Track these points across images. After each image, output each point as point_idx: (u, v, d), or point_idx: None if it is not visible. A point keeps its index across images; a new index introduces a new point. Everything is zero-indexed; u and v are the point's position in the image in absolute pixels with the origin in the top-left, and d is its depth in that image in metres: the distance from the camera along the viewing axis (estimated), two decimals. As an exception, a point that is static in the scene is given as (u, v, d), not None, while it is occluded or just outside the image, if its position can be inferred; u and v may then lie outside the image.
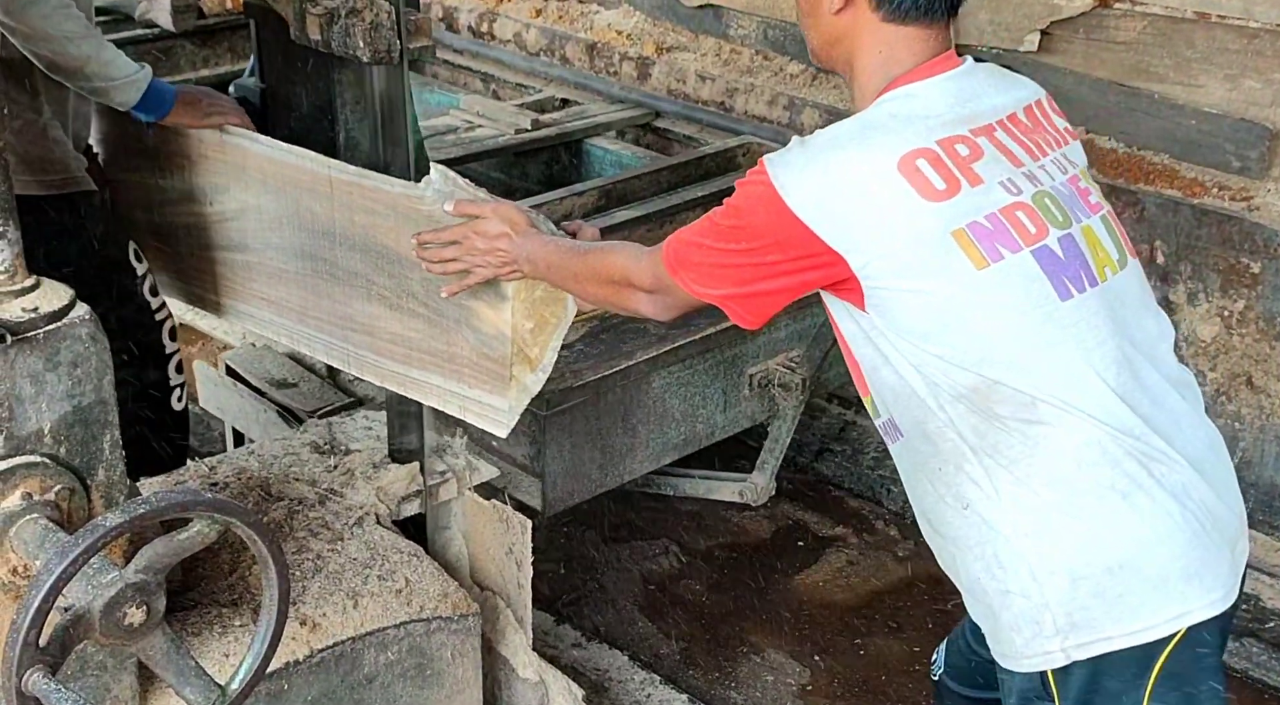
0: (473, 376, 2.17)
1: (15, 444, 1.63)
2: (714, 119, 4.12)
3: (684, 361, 3.03)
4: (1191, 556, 1.66)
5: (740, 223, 1.70)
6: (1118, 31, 3.49)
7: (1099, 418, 1.64)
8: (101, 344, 1.68)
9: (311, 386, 3.06)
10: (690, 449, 3.15)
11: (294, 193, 2.33)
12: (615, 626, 3.24)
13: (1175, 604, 1.65)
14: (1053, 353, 1.64)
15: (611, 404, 2.91)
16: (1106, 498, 1.64)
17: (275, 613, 1.61)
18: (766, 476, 3.22)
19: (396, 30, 2.07)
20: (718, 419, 3.16)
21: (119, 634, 1.52)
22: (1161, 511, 1.65)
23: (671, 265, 1.77)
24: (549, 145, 3.98)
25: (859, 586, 3.40)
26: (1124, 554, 1.64)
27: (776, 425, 3.26)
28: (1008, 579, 1.68)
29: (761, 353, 3.18)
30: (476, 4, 5.01)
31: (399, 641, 2.18)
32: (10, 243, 1.65)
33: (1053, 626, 1.67)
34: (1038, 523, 1.66)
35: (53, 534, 1.59)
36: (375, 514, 2.36)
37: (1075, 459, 1.64)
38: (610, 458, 2.96)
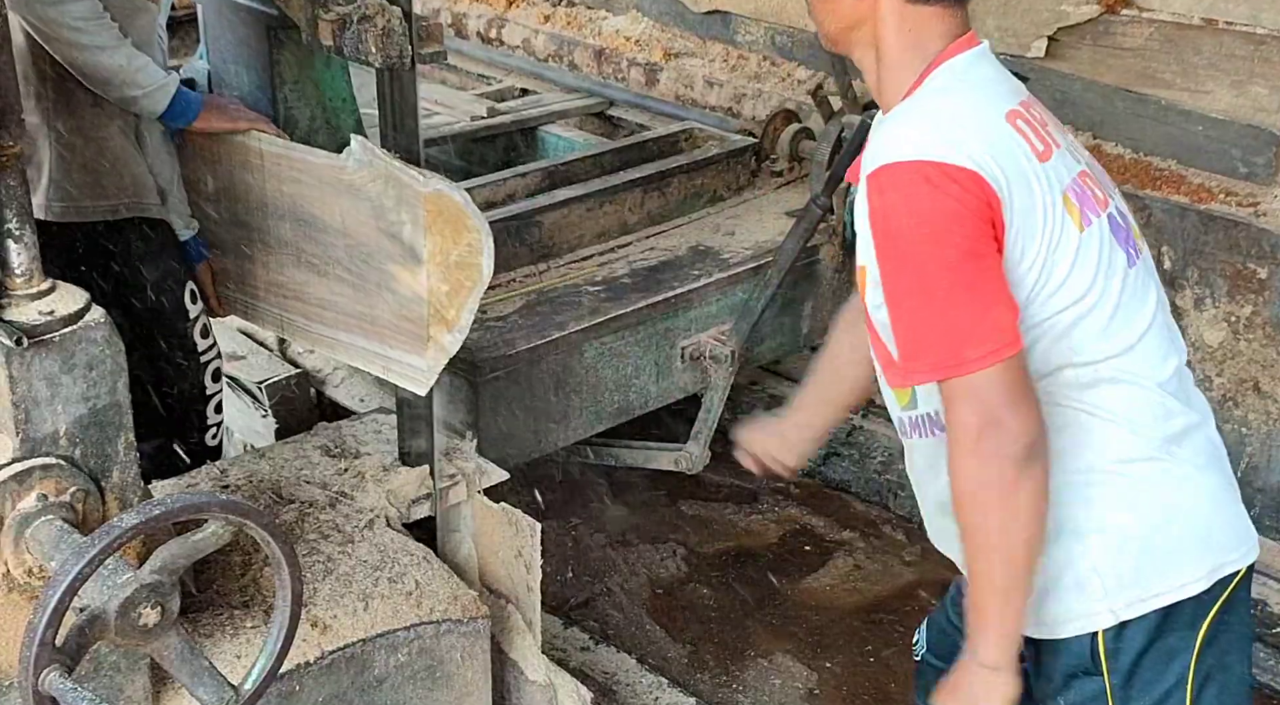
0: (393, 337, 2.28)
1: (31, 446, 1.65)
2: (664, 108, 4.23)
3: (616, 333, 3.13)
4: (1229, 510, 1.73)
5: (901, 240, 1.55)
6: (1124, 38, 3.50)
7: (1155, 382, 1.67)
8: (117, 347, 1.69)
9: (260, 359, 3.18)
10: (624, 417, 3.25)
11: (228, 166, 2.42)
12: (623, 630, 3.25)
13: (1215, 555, 1.69)
14: (1123, 317, 1.65)
15: (545, 372, 3.01)
16: (1157, 458, 1.67)
17: (288, 614, 1.62)
18: (700, 445, 3.27)
19: (408, 36, 2.09)
20: (651, 389, 3.26)
21: (134, 634, 1.54)
22: (1203, 467, 1.71)
23: (936, 368, 1.56)
24: (505, 132, 4.08)
25: (866, 591, 3.40)
26: (1172, 511, 1.68)
27: (709, 396, 3.33)
28: (1051, 548, 1.65)
29: (693, 326, 3.28)
30: (485, 10, 5.03)
31: (409, 644, 2.19)
32: (26, 246, 1.66)
33: (1100, 588, 1.67)
34: (1086, 490, 1.66)
35: (68, 535, 1.60)
36: (385, 517, 2.37)
37: (1130, 423, 1.66)
38: (544, 424, 3.07)
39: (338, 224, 2.20)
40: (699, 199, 3.73)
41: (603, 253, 3.44)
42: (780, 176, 3.88)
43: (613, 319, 3.11)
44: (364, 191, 2.15)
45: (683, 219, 3.65)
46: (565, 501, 3.64)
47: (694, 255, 3.44)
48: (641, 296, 3.18)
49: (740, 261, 3.39)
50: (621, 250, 3.47)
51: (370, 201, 2.19)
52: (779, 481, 3.84)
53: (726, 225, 3.63)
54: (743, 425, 2.23)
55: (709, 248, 3.49)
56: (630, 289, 3.23)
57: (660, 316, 3.20)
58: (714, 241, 3.53)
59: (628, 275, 3.32)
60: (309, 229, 2.31)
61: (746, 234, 3.56)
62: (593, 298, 3.17)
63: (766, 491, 3.82)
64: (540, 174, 3.60)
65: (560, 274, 3.32)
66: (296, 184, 2.31)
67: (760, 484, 3.85)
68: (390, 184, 2.14)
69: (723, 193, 3.78)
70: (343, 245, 2.26)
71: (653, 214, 3.61)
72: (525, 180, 3.56)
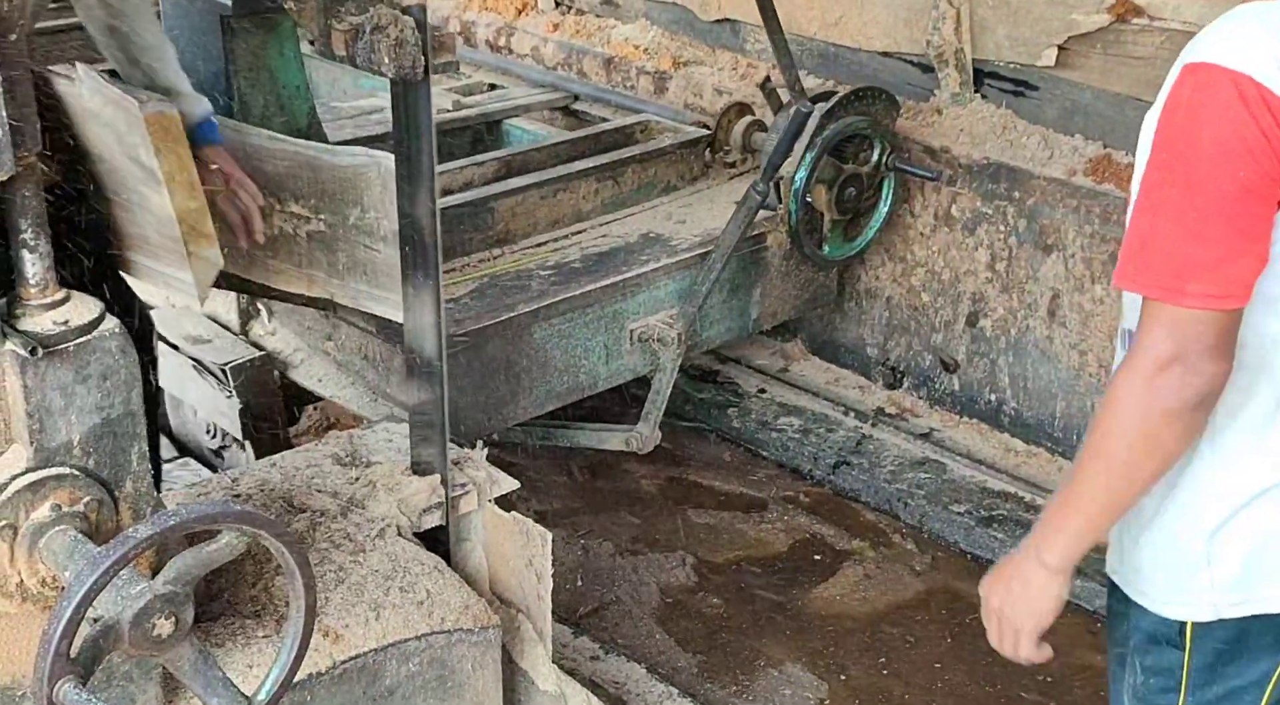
0: (165, 255, 2.35)
1: (45, 456, 1.65)
2: (625, 101, 4.32)
3: (564, 315, 3.24)
4: None
5: (1186, 144, 1.44)
6: (1135, 46, 3.50)
7: None
8: (131, 357, 1.70)
9: (224, 342, 3.29)
10: (574, 397, 3.37)
11: (84, 125, 2.45)
12: (633, 639, 3.24)
13: None
14: None
15: (494, 353, 3.10)
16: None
17: (302, 625, 1.62)
18: (650, 426, 3.37)
19: (421, 46, 2.09)
20: (600, 370, 3.39)
21: (148, 645, 1.54)
22: None
23: (1153, 284, 1.47)
24: (471, 125, 4.15)
25: (876, 600, 3.40)
26: None
27: (658, 377, 3.44)
28: (1179, 519, 1.61)
29: (642, 310, 3.41)
30: (494, 18, 5.04)
31: (420, 653, 2.19)
32: (41, 256, 1.67)
33: (1209, 581, 1.62)
34: (1228, 468, 1.60)
35: (82, 545, 1.60)
36: (397, 526, 2.37)
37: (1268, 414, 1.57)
38: (494, 403, 3.15)
39: (98, 152, 2.28)
40: (653, 188, 3.83)
41: (556, 239, 3.54)
42: (733, 167, 3.98)
43: (561, 302, 3.22)
44: (103, 118, 2.20)
45: (636, 207, 3.75)
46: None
47: (644, 242, 3.55)
48: (590, 280, 3.29)
49: (689, 248, 3.51)
50: (575, 237, 3.57)
51: (110, 128, 2.23)
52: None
53: (678, 214, 3.74)
54: None
55: (659, 235, 3.60)
56: (581, 273, 3.35)
57: (609, 300, 3.33)
58: (665, 229, 3.64)
59: (579, 260, 3.42)
60: (93, 164, 2.37)
61: (696, 222, 3.68)
62: (543, 281, 3.28)
63: (776, 500, 3.82)
64: (497, 163, 3.69)
65: (514, 259, 3.42)
66: (83, 124, 2.34)
67: (769, 493, 3.85)
68: (119, 109, 2.18)
69: (676, 183, 3.89)
70: (107, 172, 2.33)
71: (607, 202, 3.72)
72: (482, 168, 3.64)
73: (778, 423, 4.05)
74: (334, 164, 2.38)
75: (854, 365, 4.25)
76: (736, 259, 3.53)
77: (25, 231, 1.64)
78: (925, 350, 4.03)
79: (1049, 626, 1.70)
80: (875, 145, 3.71)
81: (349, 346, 3.22)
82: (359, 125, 3.88)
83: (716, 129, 3.94)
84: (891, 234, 4.00)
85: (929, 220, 3.92)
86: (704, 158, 3.96)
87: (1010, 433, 3.83)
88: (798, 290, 3.89)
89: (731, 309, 3.68)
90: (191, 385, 3.23)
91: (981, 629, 1.85)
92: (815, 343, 4.35)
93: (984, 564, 3.47)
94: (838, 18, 4.16)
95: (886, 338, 4.13)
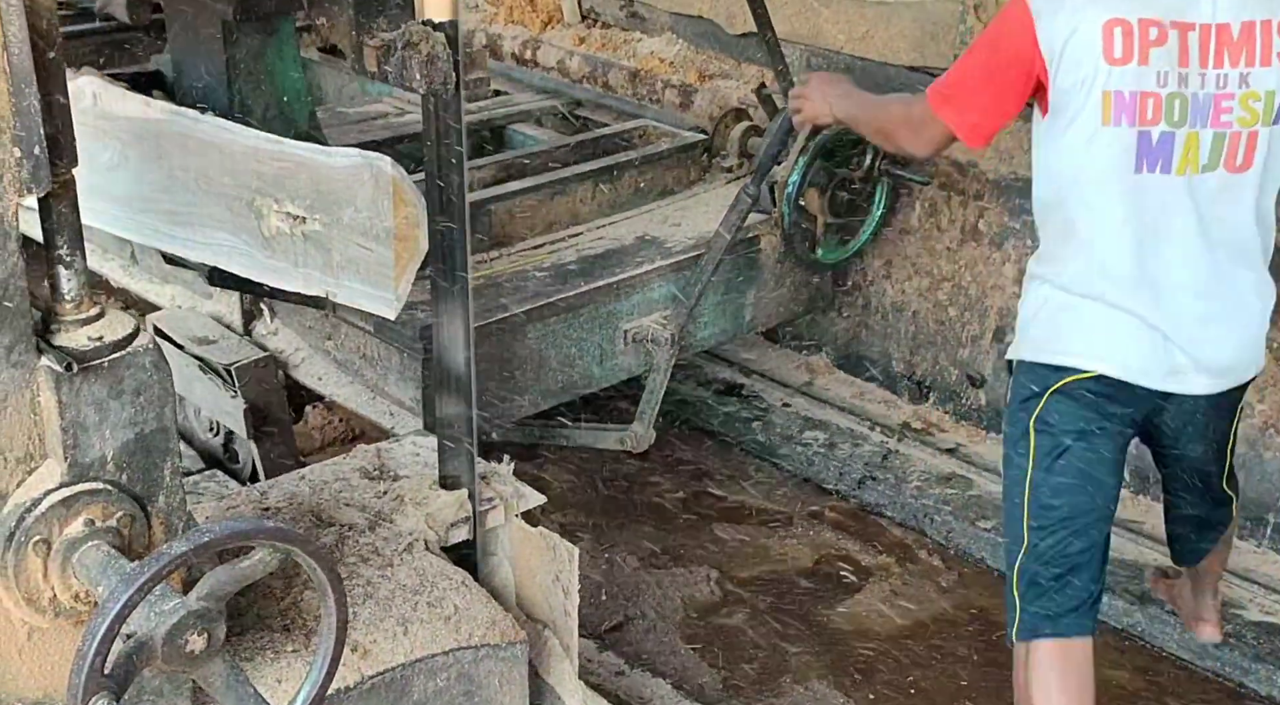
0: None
1: (79, 471, 1.65)
2: (626, 107, 4.35)
3: (559, 315, 3.29)
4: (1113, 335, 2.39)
5: (985, 34, 2.42)
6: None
7: (1101, 259, 2.37)
8: (164, 372, 1.70)
9: (230, 343, 3.33)
10: (568, 396, 3.43)
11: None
12: (657, 654, 3.24)
13: (1082, 354, 2.40)
14: (1109, 200, 2.33)
15: (490, 352, 3.12)
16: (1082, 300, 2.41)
17: (333, 641, 1.62)
18: (645, 425, 3.43)
19: (452, 62, 2.09)
20: (594, 370, 3.45)
21: (180, 661, 1.54)
22: (1109, 310, 2.37)
23: (933, 99, 2.45)
24: (473, 130, 4.17)
25: (902, 616, 3.38)
26: (1080, 318, 2.41)
27: (652, 377, 3.48)
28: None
29: (636, 311, 3.46)
30: (520, 32, 5.05)
31: (447, 669, 2.19)
32: (77, 272, 1.67)
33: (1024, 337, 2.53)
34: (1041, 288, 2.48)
35: (115, 560, 1.61)
36: (424, 540, 2.37)
37: (1080, 273, 2.39)
38: (489, 401, 3.17)
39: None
40: (649, 192, 3.88)
41: (553, 242, 3.58)
42: (730, 172, 4.00)
43: (556, 302, 3.28)
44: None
45: (633, 211, 3.79)
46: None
47: (640, 244, 3.59)
48: (585, 281, 3.35)
49: (683, 250, 3.55)
50: (572, 239, 3.61)
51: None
52: (813, 505, 3.83)
53: (675, 217, 3.78)
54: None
55: (655, 237, 3.64)
56: (576, 275, 3.39)
57: (603, 301, 3.38)
58: (660, 232, 3.67)
59: (575, 262, 3.46)
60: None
61: (692, 225, 3.71)
62: (538, 282, 3.33)
63: (801, 515, 3.81)
64: (496, 166, 3.73)
65: (510, 261, 3.45)
66: None
67: (794, 507, 3.84)
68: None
69: (673, 186, 3.93)
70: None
71: (604, 206, 3.76)
72: (481, 172, 3.67)
73: (803, 437, 4.03)
74: (329, 165, 2.40)
75: (880, 379, 4.24)
76: (730, 261, 3.57)
77: (62, 247, 1.65)
78: (951, 365, 4.01)
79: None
80: (867, 150, 3.72)
81: (348, 346, 3.28)
82: (363, 130, 3.94)
83: (714, 134, 3.99)
84: (918, 247, 3.99)
85: (956, 235, 3.91)
86: (701, 162, 4.01)
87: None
88: (792, 293, 3.91)
89: (725, 311, 3.72)
90: (197, 385, 3.27)
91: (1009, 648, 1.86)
92: (840, 356, 4.34)
93: (1011, 581, 3.46)
94: (865, 31, 4.15)
95: (912, 352, 4.12)
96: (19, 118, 1.51)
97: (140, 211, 2.73)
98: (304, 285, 2.57)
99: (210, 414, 3.36)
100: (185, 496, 1.77)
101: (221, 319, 3.45)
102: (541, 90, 4.54)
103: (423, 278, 2.38)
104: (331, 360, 3.33)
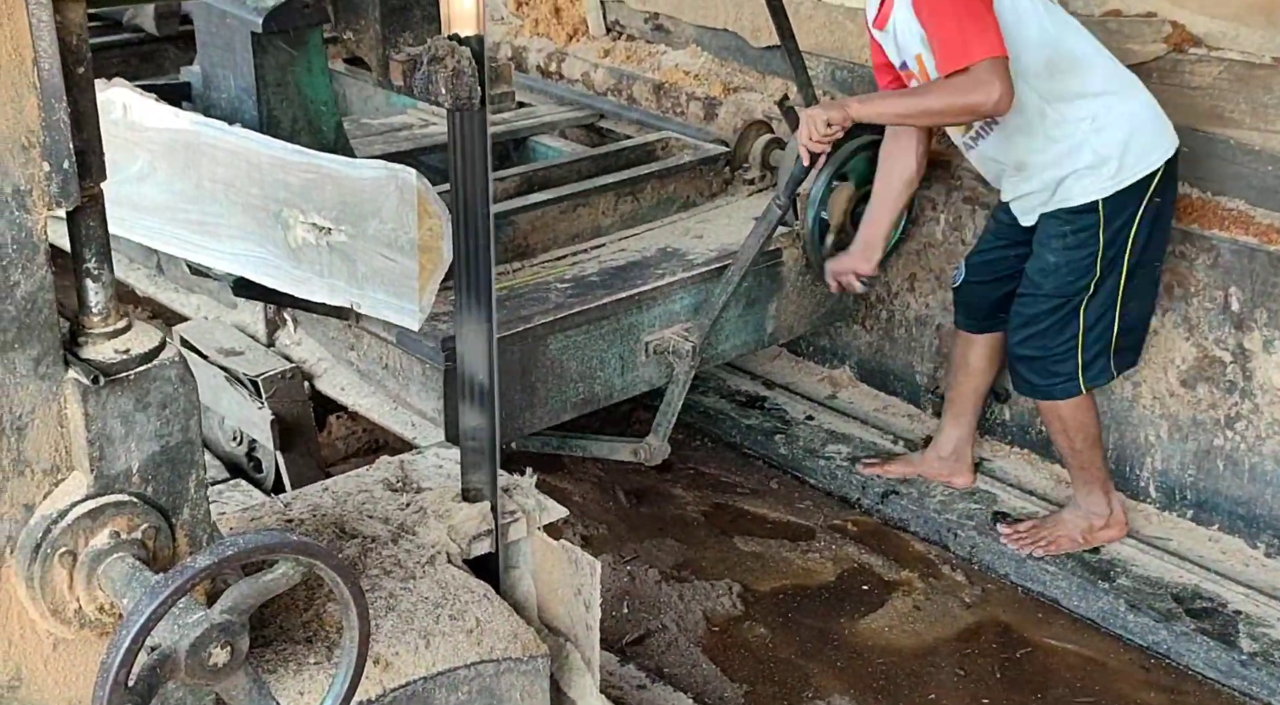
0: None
1: (105, 483, 1.66)
2: (649, 119, 4.35)
3: (580, 327, 3.31)
4: None
5: None
6: (1193, 77, 3.46)
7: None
8: (190, 385, 1.71)
9: (256, 354, 3.35)
10: (589, 408, 3.44)
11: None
12: (679, 668, 3.23)
13: None
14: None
15: (511, 363, 3.14)
16: None
17: (355, 655, 1.62)
18: (660, 437, 3.46)
19: (478, 77, 2.10)
20: (616, 382, 3.46)
21: (203, 674, 1.54)
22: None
23: (968, 54, 2.96)
24: (496, 141, 4.19)
25: (925, 632, 3.36)
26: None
27: (670, 390, 3.49)
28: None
29: (658, 322, 3.48)
30: (545, 44, 5.06)
31: (469, 682, 2.18)
32: (104, 285, 1.68)
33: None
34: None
35: (140, 573, 1.61)
36: (447, 553, 2.37)
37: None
38: (510, 412, 3.19)
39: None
40: (672, 204, 3.89)
41: (575, 253, 3.59)
42: (752, 184, 4.01)
43: (577, 314, 3.29)
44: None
45: (655, 223, 3.80)
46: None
47: (661, 256, 3.60)
48: (606, 293, 3.36)
49: (705, 262, 3.56)
50: (594, 251, 3.62)
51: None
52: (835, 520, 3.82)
53: (696, 229, 3.79)
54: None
55: (676, 249, 3.64)
56: (597, 286, 3.40)
57: (624, 312, 3.40)
58: (682, 244, 3.68)
59: (596, 274, 3.47)
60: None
61: (714, 237, 3.72)
62: (560, 294, 3.35)
63: (823, 529, 3.79)
64: (519, 178, 3.74)
65: (532, 272, 3.47)
66: None
67: (816, 521, 3.83)
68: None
69: (695, 199, 3.94)
70: None
71: (626, 218, 3.76)
72: (504, 184, 3.68)
73: (825, 450, 4.02)
74: (355, 177, 2.41)
75: (903, 393, 4.22)
76: (753, 273, 3.58)
77: (89, 261, 1.66)
78: (975, 379, 3.99)
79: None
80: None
81: (370, 356, 3.28)
82: (389, 141, 3.95)
83: (736, 146, 3.99)
84: (942, 261, 3.97)
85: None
86: (723, 174, 4.01)
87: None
88: (814, 305, 3.91)
89: (747, 323, 3.73)
90: (223, 395, 3.29)
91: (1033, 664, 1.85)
92: (864, 370, 4.33)
93: (1035, 597, 3.44)
94: (889, 44, 4.14)
95: (936, 366, 4.10)
96: (48, 132, 1.52)
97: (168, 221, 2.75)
98: (329, 296, 2.58)
99: (236, 424, 3.38)
100: (210, 508, 1.78)
101: (245, 329, 3.48)
102: (565, 102, 4.56)
103: (444, 288, 2.39)
104: (354, 371, 3.34)
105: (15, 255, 1.53)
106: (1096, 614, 3.35)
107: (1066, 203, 3.22)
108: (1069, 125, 3.17)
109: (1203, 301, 3.43)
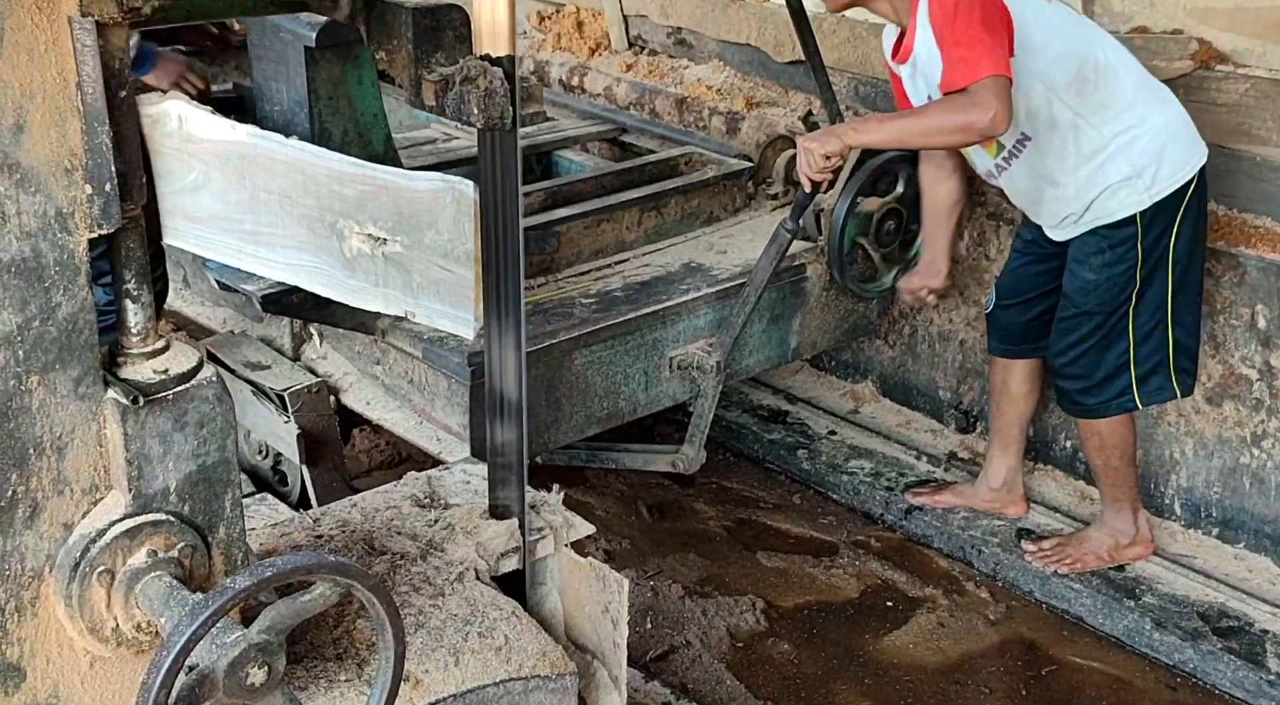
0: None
1: (143, 502, 1.67)
2: (672, 134, 4.36)
3: (605, 342, 3.32)
4: None
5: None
6: (1219, 93, 3.46)
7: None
8: (227, 405, 1.72)
9: (282, 368, 3.37)
10: (614, 422, 3.45)
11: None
12: (703, 684, 3.23)
13: None
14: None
15: (535, 378, 3.14)
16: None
17: (391, 676, 1.63)
18: (695, 447, 3.47)
19: (510, 97, 2.11)
20: (640, 396, 3.48)
21: (241, 694, 1.55)
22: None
23: (974, 74, 2.85)
24: (522, 156, 4.15)
25: (949, 649, 3.35)
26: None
27: (699, 403, 3.50)
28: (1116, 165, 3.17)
29: (682, 338, 3.49)
30: (568, 58, 5.08)
31: (498, 699, 2.18)
32: (144, 306, 1.70)
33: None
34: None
35: (177, 592, 1.62)
36: (475, 569, 2.38)
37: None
38: (535, 427, 3.18)
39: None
40: (695, 219, 3.90)
41: (600, 268, 3.61)
42: (775, 200, 4.02)
43: (602, 329, 3.31)
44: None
45: (679, 238, 3.83)
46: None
47: (685, 271, 3.61)
48: (631, 309, 3.38)
49: (729, 277, 3.57)
50: (618, 266, 3.64)
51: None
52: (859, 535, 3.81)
53: (720, 244, 3.80)
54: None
55: (700, 265, 3.65)
56: (622, 302, 3.42)
57: (649, 328, 3.41)
58: (706, 259, 3.69)
59: (621, 289, 3.49)
60: None
61: (738, 252, 3.73)
62: (584, 309, 3.37)
63: (846, 545, 3.79)
64: (544, 193, 3.76)
65: (557, 287, 3.48)
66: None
67: (840, 536, 3.83)
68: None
69: (719, 213, 3.96)
70: None
71: (650, 232, 3.78)
72: (529, 199, 3.69)
73: (848, 465, 4.02)
74: (411, 188, 2.42)
75: (926, 408, 4.22)
76: (776, 289, 3.60)
77: (129, 282, 1.67)
78: (999, 395, 3.98)
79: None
80: (909, 181, 3.73)
81: (396, 371, 3.30)
82: (411, 156, 3.97)
83: (759, 161, 4.01)
84: (965, 277, 3.97)
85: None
86: (747, 189, 4.03)
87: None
88: (838, 320, 3.92)
89: (771, 338, 3.74)
90: (250, 409, 3.31)
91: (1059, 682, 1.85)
92: (886, 385, 4.33)
93: (1060, 614, 3.43)
94: (913, 60, 4.15)
95: (960, 381, 4.10)
96: (91, 155, 1.54)
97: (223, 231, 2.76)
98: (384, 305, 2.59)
99: (262, 438, 3.40)
100: (245, 527, 1.79)
101: (272, 343, 3.50)
102: (588, 116, 4.58)
103: (469, 304, 2.39)
104: (380, 385, 3.36)
105: (58, 277, 1.55)
106: (1122, 632, 3.33)
107: (1103, 219, 3.17)
108: (1102, 139, 3.12)
109: (1229, 318, 3.42)
